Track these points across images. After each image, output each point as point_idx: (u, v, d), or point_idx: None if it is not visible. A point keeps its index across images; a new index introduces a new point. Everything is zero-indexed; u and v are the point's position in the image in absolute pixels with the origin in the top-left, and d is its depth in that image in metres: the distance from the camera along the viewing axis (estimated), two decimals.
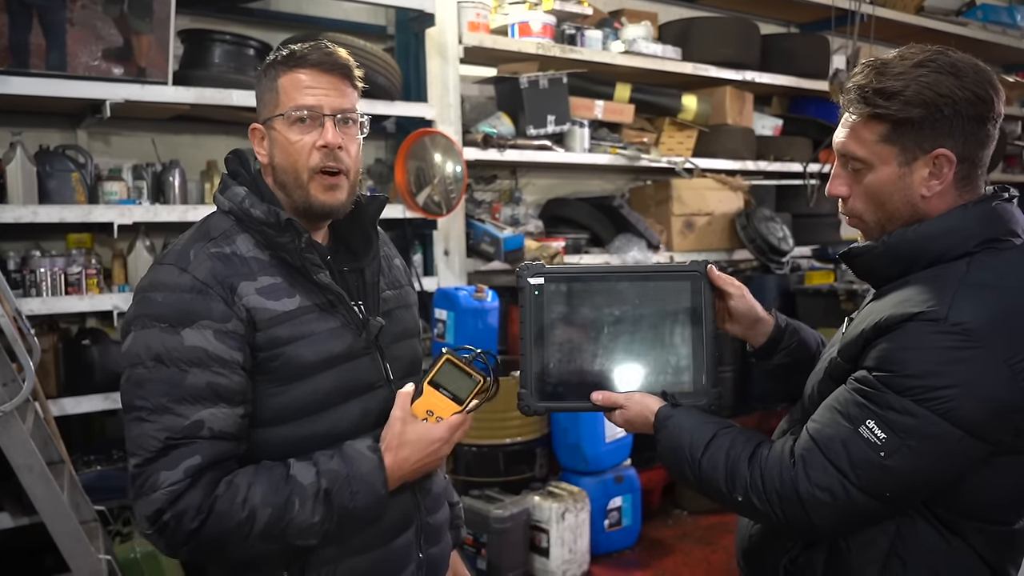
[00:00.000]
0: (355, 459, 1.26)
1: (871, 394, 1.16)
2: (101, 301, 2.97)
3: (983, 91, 1.19)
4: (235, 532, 1.19)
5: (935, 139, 1.19)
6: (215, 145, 3.62)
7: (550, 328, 1.39)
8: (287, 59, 1.32)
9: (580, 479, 3.50)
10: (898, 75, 1.18)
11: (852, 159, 1.24)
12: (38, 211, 2.82)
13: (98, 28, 2.86)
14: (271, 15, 3.72)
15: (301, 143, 1.30)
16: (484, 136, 3.85)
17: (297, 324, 1.28)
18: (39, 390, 2.69)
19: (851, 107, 1.24)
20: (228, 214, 1.33)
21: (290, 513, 1.20)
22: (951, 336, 1.12)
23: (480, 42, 3.81)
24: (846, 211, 1.30)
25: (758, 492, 1.22)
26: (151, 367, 1.21)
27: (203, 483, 1.19)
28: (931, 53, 1.20)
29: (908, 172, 1.21)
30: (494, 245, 3.83)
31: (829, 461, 1.17)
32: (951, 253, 1.19)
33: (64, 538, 2.37)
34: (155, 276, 1.27)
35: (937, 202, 1.22)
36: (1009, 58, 6.77)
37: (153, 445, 1.18)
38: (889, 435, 1.13)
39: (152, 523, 1.18)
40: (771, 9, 5.30)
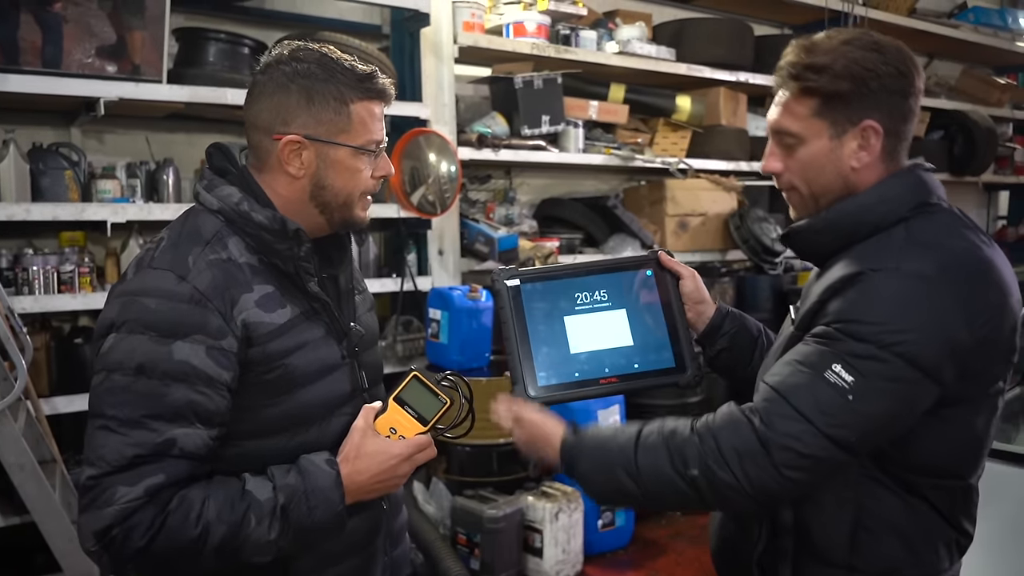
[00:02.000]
0: (312, 473, 1.21)
1: (833, 343, 1.17)
2: (94, 300, 2.96)
3: (904, 67, 1.24)
4: (187, 549, 1.13)
5: (863, 112, 1.24)
6: (209, 143, 3.61)
7: (533, 324, 1.42)
8: (361, 85, 1.28)
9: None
10: (826, 51, 1.24)
11: (786, 135, 1.29)
12: (31, 209, 2.81)
13: (92, 26, 2.85)
14: (266, 13, 3.71)
15: (365, 172, 1.31)
16: (479, 136, 3.85)
17: (292, 336, 1.26)
18: (31, 389, 2.68)
19: (783, 84, 1.29)
20: (216, 214, 1.27)
21: (246, 530, 1.16)
22: (907, 282, 1.16)
23: (475, 42, 3.82)
24: (781, 185, 1.34)
25: (715, 457, 1.17)
26: (131, 377, 1.15)
27: (158, 500, 1.13)
28: (856, 33, 1.26)
29: (839, 144, 1.26)
30: (488, 245, 3.83)
31: (794, 408, 1.15)
32: (887, 220, 1.24)
33: (56, 537, 2.36)
34: (148, 281, 1.19)
35: (866, 173, 1.27)
36: (1000, 60, 6.82)
37: (117, 459, 1.13)
38: (856, 377, 1.14)
39: (99, 539, 1.12)
40: (765, 10, 5.32)
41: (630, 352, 1.44)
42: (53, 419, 2.87)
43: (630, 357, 1.43)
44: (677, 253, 4.50)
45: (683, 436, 1.21)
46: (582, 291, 1.45)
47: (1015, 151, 6.80)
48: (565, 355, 1.43)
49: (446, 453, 3.41)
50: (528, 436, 1.35)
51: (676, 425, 1.24)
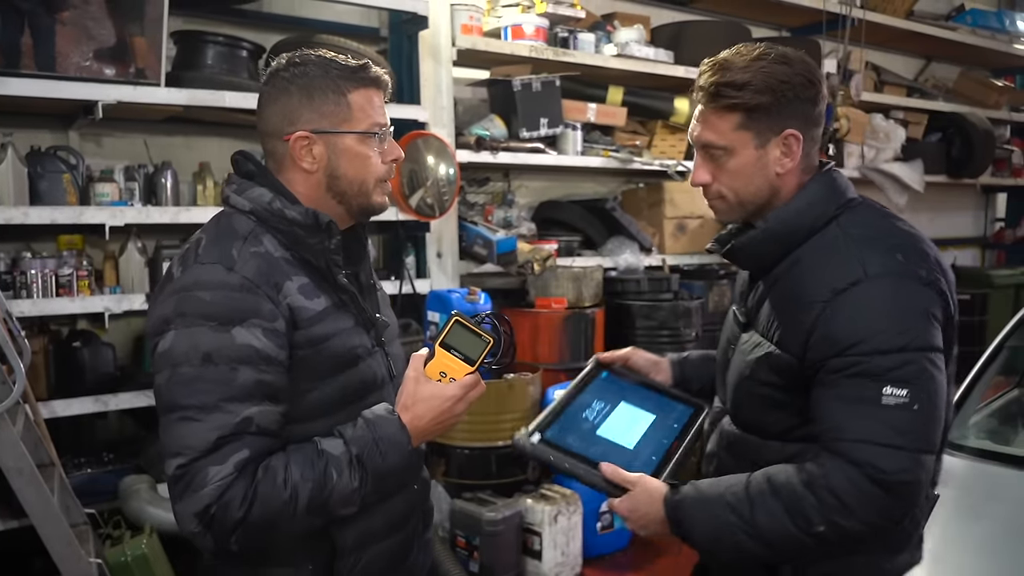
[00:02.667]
0: (378, 423, 1.28)
1: (864, 369, 1.23)
2: (92, 303, 2.96)
3: (812, 76, 1.35)
4: (281, 512, 1.20)
5: (783, 121, 1.33)
6: (207, 147, 3.61)
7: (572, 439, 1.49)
8: (355, 75, 1.35)
9: (573, 482, 3.48)
10: (742, 68, 1.32)
11: (714, 148, 1.36)
12: (29, 212, 2.81)
13: (90, 28, 2.85)
14: (264, 17, 3.71)
15: (374, 157, 1.37)
16: (477, 138, 3.85)
17: (327, 323, 1.32)
18: (29, 392, 2.67)
19: (706, 103, 1.36)
20: (248, 214, 1.33)
21: (330, 483, 1.22)
22: (883, 285, 1.25)
23: (473, 45, 3.82)
24: (709, 195, 1.42)
25: (839, 510, 1.22)
26: (199, 366, 1.21)
27: (246, 473, 1.20)
28: (763, 48, 1.36)
29: (764, 153, 1.35)
30: (487, 247, 3.83)
31: (883, 445, 1.22)
32: (820, 221, 1.34)
33: (54, 541, 2.35)
34: (199, 275, 1.25)
35: (789, 178, 1.37)
36: (997, 62, 6.83)
37: (203, 444, 1.19)
38: (907, 387, 1.22)
39: (200, 519, 1.18)
40: (763, 13, 5.32)
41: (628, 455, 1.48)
42: (51, 423, 2.86)
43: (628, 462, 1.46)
44: (676, 255, 4.54)
45: (798, 494, 1.25)
46: (585, 410, 1.52)
47: (1012, 153, 6.81)
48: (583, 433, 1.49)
49: (445, 456, 3.40)
50: (634, 504, 1.37)
51: (781, 481, 1.27)
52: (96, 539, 2.71)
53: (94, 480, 3.07)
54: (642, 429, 1.52)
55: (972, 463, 2.50)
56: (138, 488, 3.03)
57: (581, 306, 3.90)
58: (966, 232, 7.29)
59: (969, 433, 2.78)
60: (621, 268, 4.28)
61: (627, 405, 1.55)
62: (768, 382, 1.35)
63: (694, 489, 1.34)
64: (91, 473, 3.09)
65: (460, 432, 3.41)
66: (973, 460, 2.52)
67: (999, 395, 3.16)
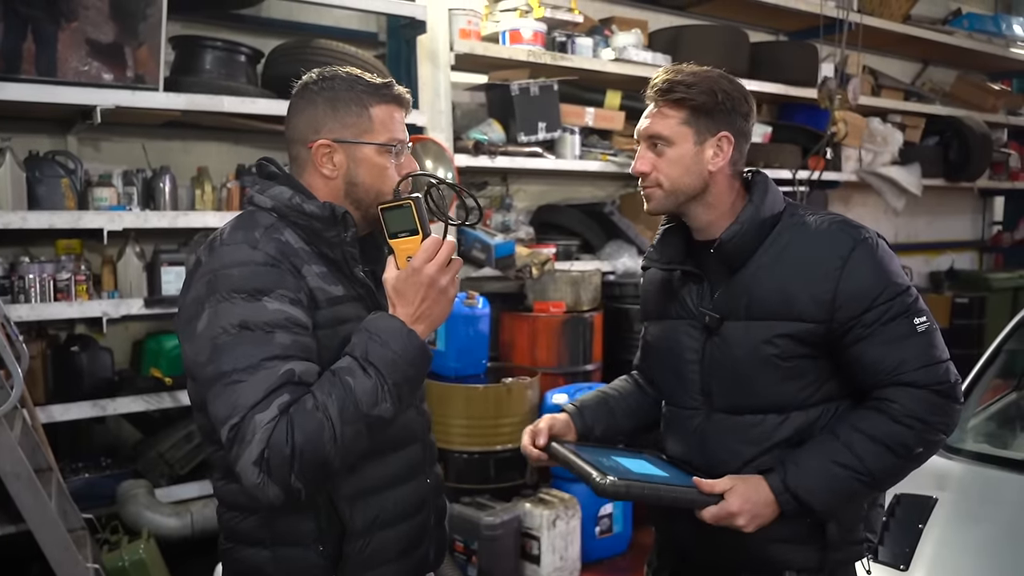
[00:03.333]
0: (368, 324, 1.33)
1: (895, 311, 1.45)
2: (90, 307, 2.96)
3: (747, 96, 1.57)
4: (321, 433, 1.24)
5: (719, 124, 1.53)
6: (206, 151, 3.62)
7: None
8: (378, 91, 1.45)
9: (571, 486, 3.49)
10: (692, 74, 1.53)
11: (658, 138, 1.54)
12: (27, 217, 2.81)
13: (89, 34, 2.86)
14: (262, 22, 3.72)
15: (391, 169, 1.46)
16: (475, 143, 3.86)
17: (344, 308, 1.39)
18: (27, 397, 2.67)
19: (659, 97, 1.54)
20: (270, 211, 1.41)
21: (350, 391, 1.27)
22: (871, 245, 1.48)
23: (471, 49, 3.83)
24: (646, 184, 1.57)
25: (927, 430, 1.44)
26: (236, 333, 1.27)
27: (285, 413, 1.25)
28: (710, 68, 1.57)
29: (700, 150, 1.53)
30: (485, 251, 3.83)
31: (937, 363, 1.46)
32: (776, 215, 1.55)
33: (51, 547, 2.35)
34: (226, 255, 1.33)
35: (719, 176, 1.55)
36: (994, 66, 6.85)
37: (252, 399, 1.24)
38: (924, 313, 1.48)
39: (259, 466, 1.22)
40: (760, 18, 5.34)
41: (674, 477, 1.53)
42: (49, 427, 2.86)
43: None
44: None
45: (892, 430, 1.45)
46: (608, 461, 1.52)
47: (1010, 156, 6.83)
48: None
49: (443, 461, 3.40)
50: (743, 497, 1.44)
51: (872, 424, 1.46)
52: (94, 544, 2.71)
53: (92, 485, 3.06)
54: (650, 465, 1.55)
55: (970, 467, 2.50)
56: (136, 493, 3.03)
57: (579, 310, 3.90)
58: (964, 235, 7.30)
59: (967, 437, 2.78)
60: (619, 272, 4.29)
61: (629, 458, 1.56)
62: (791, 355, 1.48)
63: (793, 465, 1.46)
64: (89, 478, 3.08)
65: (458, 437, 3.41)
66: (971, 464, 2.52)
67: (997, 398, 3.16)
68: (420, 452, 1.53)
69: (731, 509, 1.42)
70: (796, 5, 5.00)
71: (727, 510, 1.42)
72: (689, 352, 1.59)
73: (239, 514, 1.42)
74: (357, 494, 1.41)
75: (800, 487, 1.43)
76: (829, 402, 1.51)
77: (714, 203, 1.56)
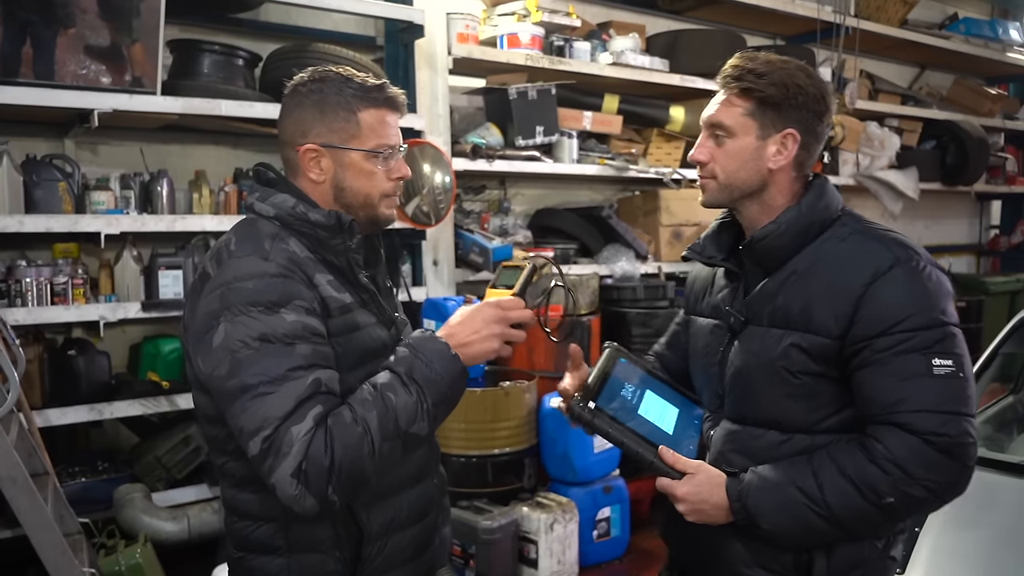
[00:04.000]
0: (416, 343, 1.34)
1: (913, 344, 1.32)
2: (87, 311, 2.95)
3: (825, 94, 1.45)
4: (360, 447, 1.24)
5: (786, 121, 1.43)
6: (203, 155, 3.62)
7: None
8: (368, 95, 1.42)
9: (569, 489, 3.49)
10: (766, 63, 1.43)
11: (719, 128, 1.45)
12: (24, 220, 2.81)
13: (87, 37, 2.86)
14: (260, 25, 3.72)
15: (380, 174, 1.44)
16: (473, 146, 3.86)
17: (353, 315, 1.39)
18: (23, 401, 2.66)
19: (726, 85, 1.45)
20: (272, 220, 1.39)
21: (391, 405, 1.27)
22: (915, 268, 1.36)
23: (469, 53, 3.83)
24: (703, 174, 1.49)
25: (905, 481, 1.31)
26: (258, 347, 1.25)
27: (322, 424, 1.25)
28: (794, 60, 1.46)
29: (763, 145, 1.44)
30: (483, 255, 3.83)
31: (942, 413, 1.31)
32: (827, 222, 1.45)
33: (47, 551, 2.34)
34: (237, 268, 1.31)
35: (780, 176, 1.45)
36: (991, 70, 6.87)
37: (282, 411, 1.23)
38: (952, 357, 1.33)
39: (297, 478, 1.21)
40: (757, 22, 5.35)
41: (670, 441, 1.50)
42: (46, 431, 2.85)
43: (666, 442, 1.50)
44: (671, 263, 4.54)
45: (865, 470, 1.32)
46: (622, 388, 1.54)
47: (1007, 161, 6.84)
48: (632, 410, 1.51)
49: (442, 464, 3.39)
50: (696, 486, 1.40)
51: (847, 459, 1.34)
52: (90, 548, 2.70)
53: (88, 489, 3.06)
54: (673, 419, 1.55)
55: None
56: (133, 497, 3.02)
57: (577, 314, 3.90)
58: (961, 239, 7.31)
59: None
60: (617, 276, 4.29)
61: (652, 394, 1.57)
62: (801, 370, 1.39)
63: (756, 476, 1.39)
64: (85, 482, 3.08)
65: (456, 440, 3.41)
66: None
67: (994, 402, 3.17)
68: (428, 453, 1.53)
69: (677, 491, 1.40)
70: (793, 10, 5.01)
71: (674, 490, 1.40)
72: (713, 353, 1.54)
73: (251, 523, 1.40)
74: (373, 498, 1.40)
75: (751, 500, 1.37)
76: (842, 432, 1.39)
77: (770, 203, 1.46)
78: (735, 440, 1.48)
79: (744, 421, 1.47)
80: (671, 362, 1.74)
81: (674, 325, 1.78)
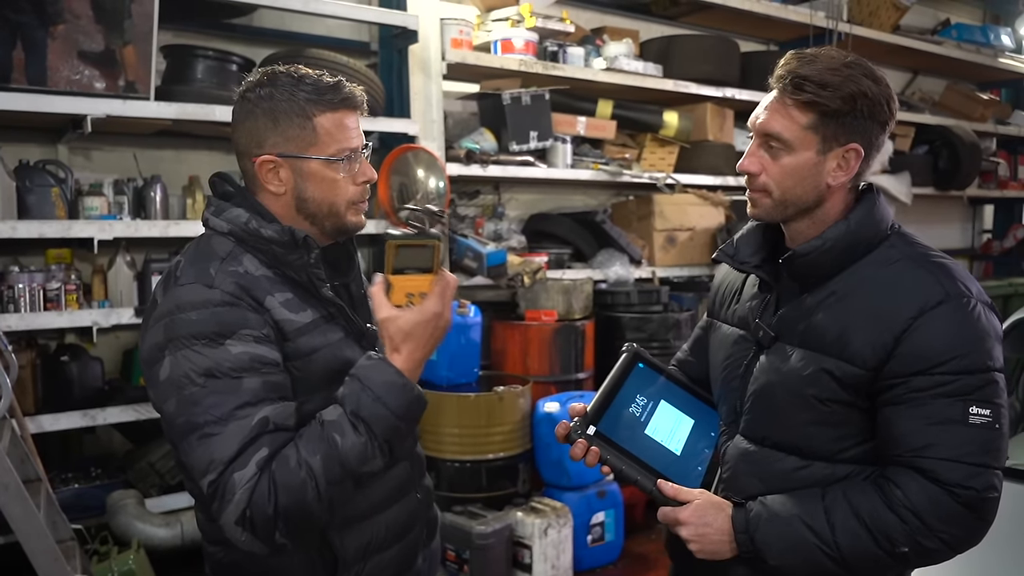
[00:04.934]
0: (364, 374, 1.26)
1: (953, 388, 1.24)
2: (80, 317, 2.95)
3: (891, 100, 1.33)
4: (305, 491, 1.19)
5: (850, 134, 1.30)
6: (197, 160, 3.62)
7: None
8: (323, 98, 1.33)
9: (563, 494, 3.49)
10: (831, 70, 1.28)
11: (775, 139, 1.32)
12: (17, 226, 2.80)
13: (80, 43, 2.86)
14: (254, 31, 3.73)
15: (343, 180, 1.36)
16: (467, 152, 3.86)
17: (315, 336, 1.32)
18: (16, 407, 2.66)
19: (784, 91, 1.30)
20: (227, 235, 1.33)
21: (336, 447, 1.21)
22: (964, 306, 1.25)
23: (463, 59, 3.84)
24: (754, 186, 1.37)
25: (923, 533, 1.24)
26: (203, 383, 1.21)
27: (267, 469, 1.20)
28: (854, 57, 1.31)
29: (823, 160, 1.31)
30: (477, 260, 3.84)
31: (973, 464, 1.23)
32: (875, 239, 1.34)
33: (40, 557, 2.33)
34: (180, 297, 1.25)
35: (837, 192, 1.34)
36: (983, 76, 6.91)
37: (227, 454, 1.19)
38: (991, 407, 1.24)
39: (242, 526, 1.18)
40: (751, 28, 5.37)
41: (676, 462, 1.46)
42: (39, 437, 2.84)
43: (669, 465, 1.45)
44: (665, 267, 4.56)
45: (880, 516, 1.26)
46: (631, 404, 1.49)
47: (999, 165, 6.87)
48: (638, 430, 1.47)
49: (435, 469, 3.39)
50: (699, 512, 1.35)
51: (863, 502, 1.28)
52: (83, 555, 2.69)
53: (81, 495, 3.05)
54: (685, 433, 1.50)
55: None
56: (126, 503, 3.01)
57: (571, 318, 3.90)
58: (954, 244, 7.34)
59: None
60: (611, 280, 4.30)
61: (667, 405, 1.52)
62: (830, 398, 1.30)
63: (764, 507, 1.32)
64: (78, 488, 3.07)
65: (450, 445, 3.41)
66: None
67: None
68: (407, 470, 1.47)
69: (680, 515, 1.34)
70: (786, 15, 5.03)
71: (676, 514, 1.34)
72: (735, 366, 1.44)
73: (222, 548, 1.37)
74: (347, 522, 1.35)
75: (759, 534, 1.30)
76: (864, 464, 1.32)
77: (822, 218, 1.35)
78: (750, 462, 1.40)
79: (763, 443, 1.39)
80: (695, 369, 1.64)
81: (698, 330, 1.67)
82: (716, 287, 1.61)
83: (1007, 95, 7.38)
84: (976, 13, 7.33)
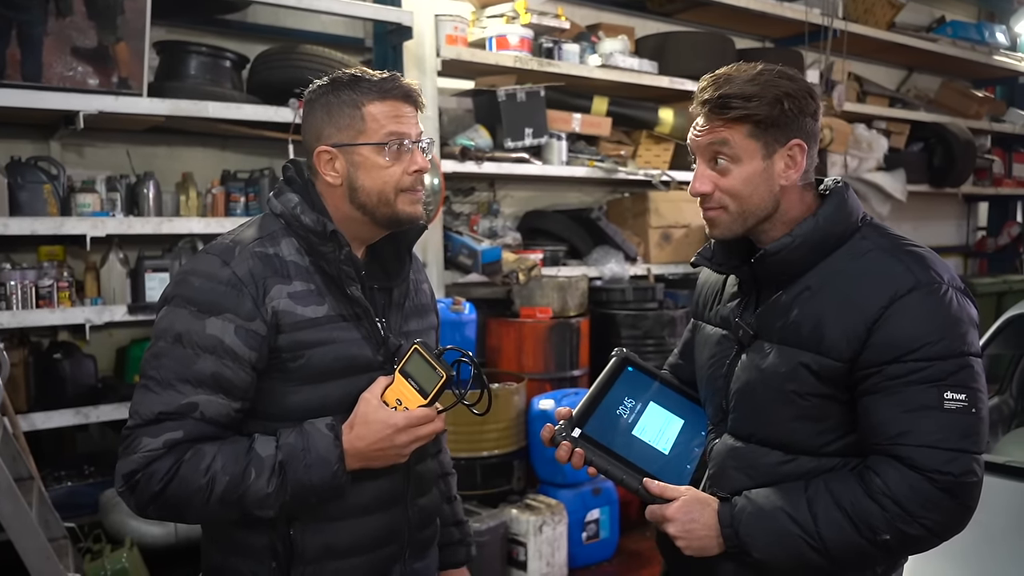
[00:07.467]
0: (312, 434, 1.30)
1: (926, 374, 1.25)
2: (73, 314, 2.94)
3: (811, 92, 1.36)
4: (195, 496, 1.26)
5: (789, 132, 1.34)
6: (190, 157, 3.60)
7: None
8: (375, 88, 1.38)
9: (558, 491, 3.49)
10: (748, 82, 1.33)
11: (720, 155, 1.35)
12: (8, 223, 2.79)
13: (73, 39, 2.84)
14: (248, 27, 3.71)
15: (393, 169, 1.38)
16: (462, 148, 3.86)
17: (322, 330, 1.35)
18: (8, 405, 2.65)
19: (713, 114, 1.34)
20: (279, 217, 1.40)
21: (246, 482, 1.26)
22: (935, 292, 1.27)
23: (458, 55, 3.83)
24: (709, 205, 1.38)
25: (903, 519, 1.25)
26: (170, 343, 1.29)
27: (175, 452, 1.27)
28: (763, 64, 1.36)
29: (770, 164, 1.34)
30: (472, 257, 3.83)
31: (949, 450, 1.25)
32: (847, 232, 1.36)
33: (32, 556, 2.32)
34: (198, 263, 1.35)
35: (791, 191, 1.37)
36: (978, 73, 6.92)
37: (147, 414, 1.27)
38: (966, 392, 1.26)
39: (125, 481, 1.27)
40: (746, 24, 5.37)
41: (664, 461, 1.48)
42: (31, 435, 2.84)
43: (658, 465, 1.47)
44: (661, 265, 4.56)
45: (861, 504, 1.27)
46: (619, 406, 1.51)
47: (993, 163, 6.88)
48: (627, 432, 1.48)
49: None
50: (685, 508, 1.36)
51: (843, 491, 1.29)
52: (76, 553, 2.68)
53: (74, 493, 3.04)
54: (674, 434, 1.52)
55: None
56: (119, 501, 3.00)
57: (566, 316, 3.90)
58: (948, 241, 7.35)
59: None
60: (606, 277, 4.29)
61: (656, 406, 1.54)
62: (810, 392, 1.33)
63: (748, 502, 1.34)
64: (71, 486, 3.06)
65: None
66: None
67: None
68: (400, 483, 1.44)
69: (666, 512, 1.36)
70: (782, 12, 5.03)
71: (662, 511, 1.36)
72: (719, 365, 1.47)
73: (220, 553, 1.43)
74: (310, 519, 1.36)
75: (743, 528, 1.32)
76: (848, 456, 1.34)
77: (783, 219, 1.37)
78: (737, 457, 1.41)
79: (749, 439, 1.41)
80: (686, 371, 1.65)
81: (687, 333, 1.69)
82: (699, 289, 1.63)
83: (1002, 92, 7.39)
84: (971, 10, 7.34)
